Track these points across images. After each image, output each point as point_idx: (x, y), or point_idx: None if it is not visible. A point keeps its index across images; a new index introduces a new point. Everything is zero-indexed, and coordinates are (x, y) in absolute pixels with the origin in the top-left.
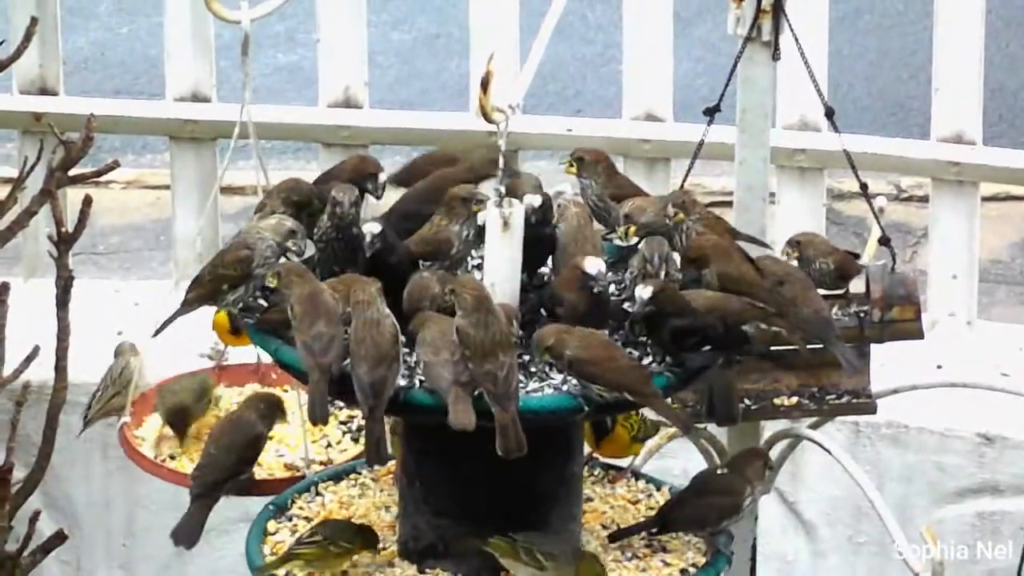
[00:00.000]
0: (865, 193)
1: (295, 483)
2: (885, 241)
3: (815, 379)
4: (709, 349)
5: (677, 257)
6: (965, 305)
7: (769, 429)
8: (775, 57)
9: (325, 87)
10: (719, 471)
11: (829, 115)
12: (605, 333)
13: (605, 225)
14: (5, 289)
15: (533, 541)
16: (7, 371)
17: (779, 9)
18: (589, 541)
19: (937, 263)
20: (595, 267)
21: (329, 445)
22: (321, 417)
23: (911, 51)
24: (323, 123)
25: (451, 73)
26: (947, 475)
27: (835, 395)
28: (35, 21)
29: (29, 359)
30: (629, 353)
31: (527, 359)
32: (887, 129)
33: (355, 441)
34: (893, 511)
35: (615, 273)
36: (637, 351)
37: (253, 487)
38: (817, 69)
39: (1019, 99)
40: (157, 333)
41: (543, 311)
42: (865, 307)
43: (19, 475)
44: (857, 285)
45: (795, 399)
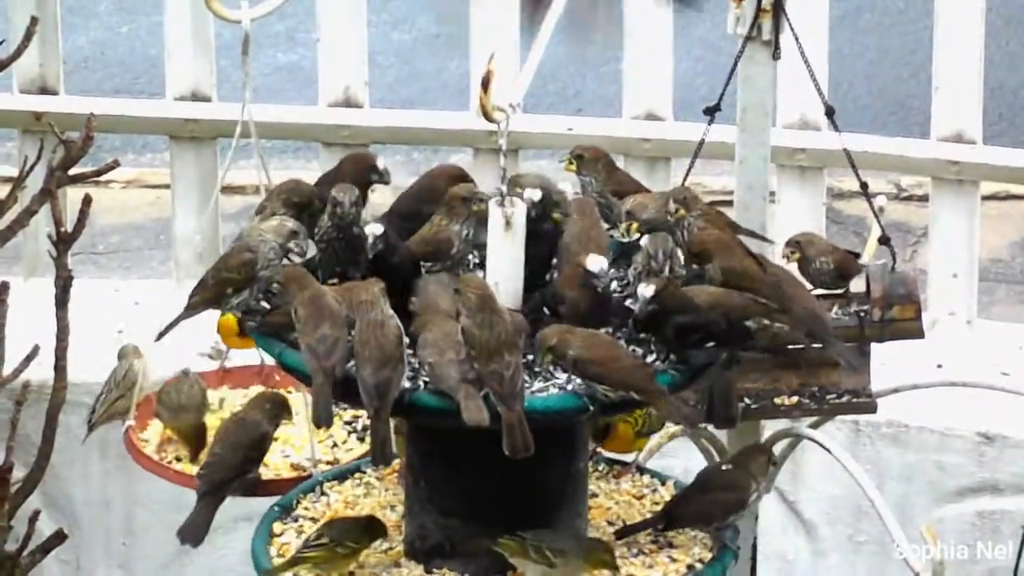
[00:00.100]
0: (865, 192)
1: (301, 483)
2: (885, 240)
3: (815, 378)
4: (713, 345)
5: (680, 253)
6: (965, 304)
7: (769, 428)
8: (775, 56)
9: (325, 86)
10: (723, 467)
11: (829, 114)
12: (609, 331)
13: (607, 222)
14: (5, 288)
15: (542, 539)
16: (7, 370)
17: (779, 8)
18: None
19: (937, 262)
20: (597, 265)
21: (335, 445)
22: (325, 420)
23: (911, 50)
24: (323, 122)
25: (451, 73)
26: (947, 474)
27: (835, 394)
28: (35, 20)
29: (29, 358)
30: (633, 351)
31: (531, 359)
32: (887, 128)
33: (361, 440)
34: (893, 510)
35: (618, 270)
36: (641, 349)
37: (260, 487)
38: (817, 68)
39: (1019, 98)
40: (160, 337)
41: (546, 309)
42: (865, 306)
43: (19, 474)
44: (857, 284)
45: (795, 398)
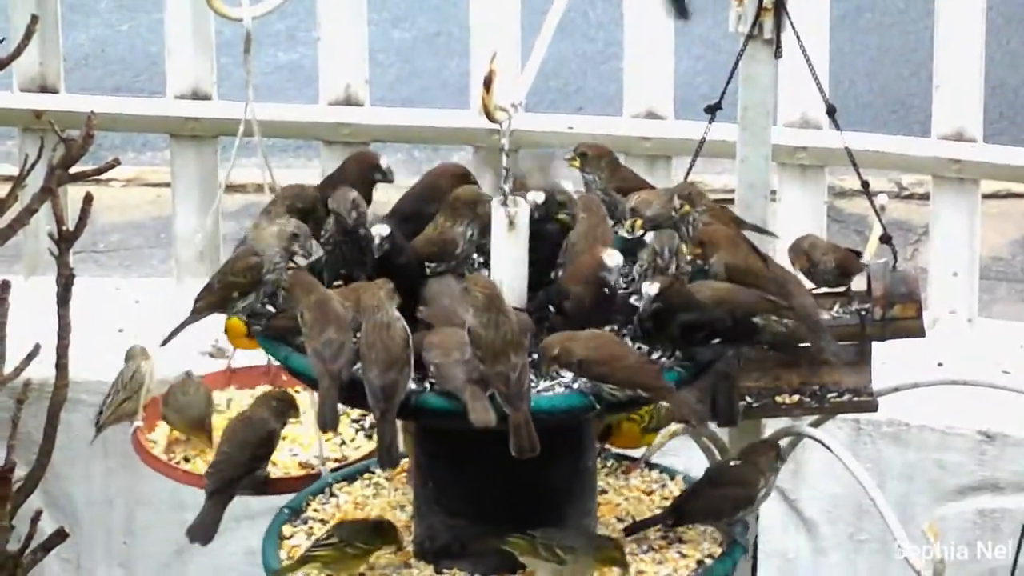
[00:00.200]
0: (866, 191)
1: (310, 481)
2: (886, 239)
3: (816, 377)
4: (718, 342)
5: (685, 249)
6: (966, 303)
7: (770, 427)
8: (777, 55)
9: (326, 85)
10: (732, 463)
11: (830, 113)
12: (614, 328)
13: (611, 218)
14: (6, 287)
15: (551, 537)
16: (8, 369)
17: (781, 7)
18: None
19: (938, 261)
20: (613, 260)
21: (343, 443)
22: (331, 424)
23: (912, 48)
24: (324, 121)
25: (451, 71)
26: (948, 473)
27: (836, 393)
28: (35, 19)
29: (30, 357)
30: (638, 348)
31: (536, 358)
32: (888, 127)
33: (369, 438)
34: (894, 509)
35: (622, 267)
36: (646, 345)
37: (269, 486)
38: (818, 67)
39: (1020, 96)
40: (166, 342)
41: (550, 307)
42: (867, 305)
43: (20, 473)
44: (859, 283)
45: (796, 397)
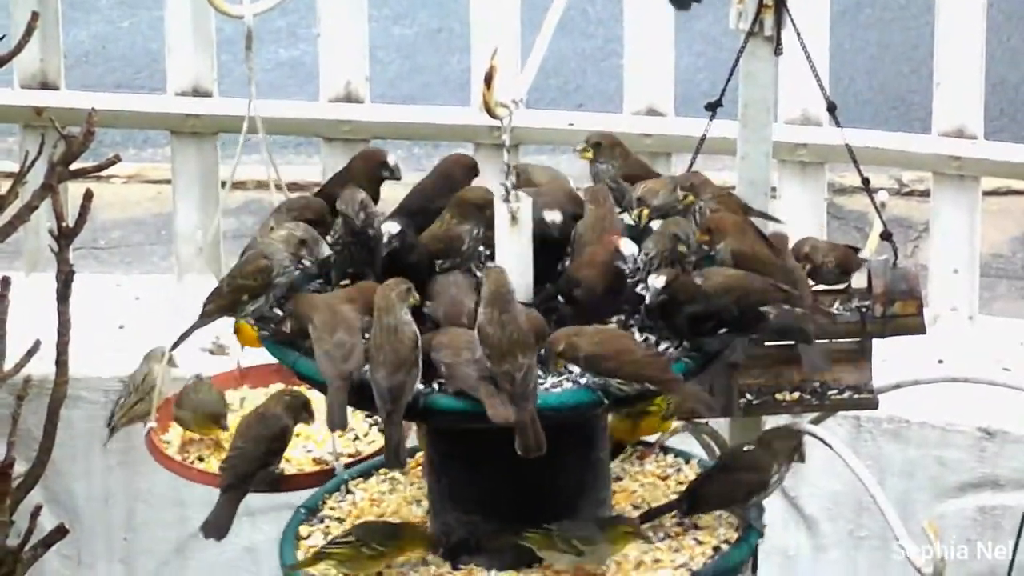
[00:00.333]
0: (867, 188)
1: (324, 477)
2: (887, 236)
3: (817, 374)
4: (726, 332)
5: (692, 238)
6: (966, 300)
7: (771, 424)
8: (777, 52)
9: (326, 82)
10: (746, 448)
11: (831, 110)
12: (621, 318)
13: (619, 206)
14: (6, 283)
15: (568, 529)
16: (8, 365)
17: (781, 4)
18: None
19: (938, 257)
20: (629, 249)
21: (356, 438)
22: (340, 424)
23: (912, 45)
24: (324, 118)
25: (452, 68)
26: (948, 470)
27: (837, 390)
28: (36, 16)
29: (30, 353)
30: (645, 340)
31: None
32: (888, 123)
33: (382, 432)
34: (894, 506)
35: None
36: (654, 336)
37: (283, 483)
38: (819, 64)
39: (1020, 93)
40: (176, 346)
41: (559, 297)
42: (867, 302)
43: (20, 469)
44: (859, 280)
45: (797, 394)
